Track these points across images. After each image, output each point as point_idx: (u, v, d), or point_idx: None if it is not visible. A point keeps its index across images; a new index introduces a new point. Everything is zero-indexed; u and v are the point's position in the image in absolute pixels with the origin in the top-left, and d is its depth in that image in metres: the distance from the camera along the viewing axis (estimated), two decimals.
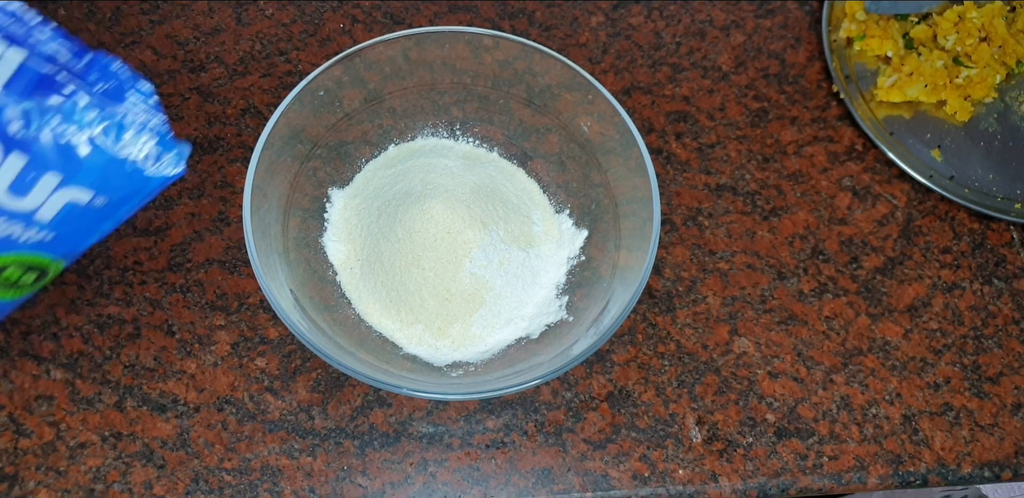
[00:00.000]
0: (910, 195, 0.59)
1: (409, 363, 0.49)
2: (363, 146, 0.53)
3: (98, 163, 0.34)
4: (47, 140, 0.32)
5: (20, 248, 0.35)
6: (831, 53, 0.61)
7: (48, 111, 0.32)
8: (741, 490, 0.51)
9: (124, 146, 0.34)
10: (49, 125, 0.32)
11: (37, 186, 0.33)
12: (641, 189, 0.47)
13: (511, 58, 0.49)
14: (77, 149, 0.33)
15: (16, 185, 0.32)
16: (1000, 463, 0.52)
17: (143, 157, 0.35)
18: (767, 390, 0.53)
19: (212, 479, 0.48)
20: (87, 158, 0.33)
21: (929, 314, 0.56)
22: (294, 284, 0.47)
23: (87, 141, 0.33)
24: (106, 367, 0.50)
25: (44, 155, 0.32)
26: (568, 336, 0.48)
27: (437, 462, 0.49)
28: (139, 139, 0.34)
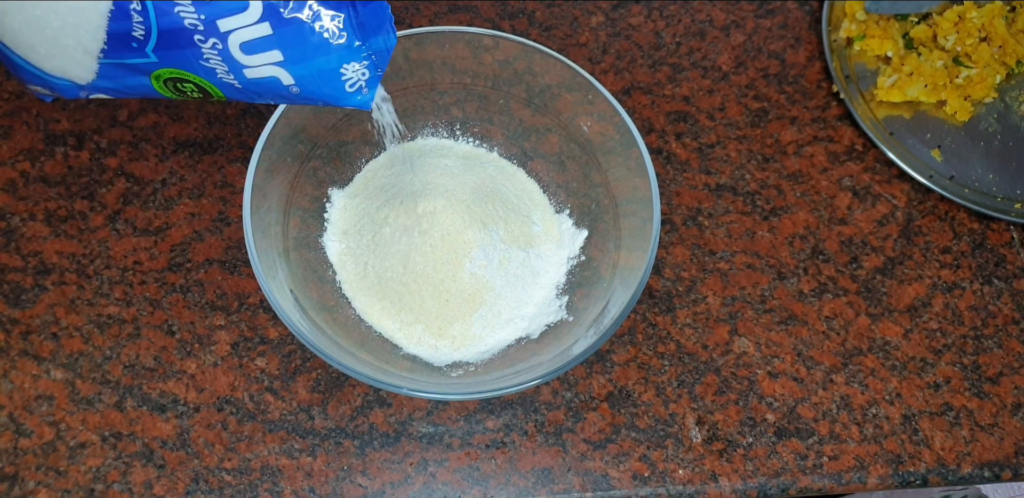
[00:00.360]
0: (910, 195, 0.59)
1: (409, 363, 0.49)
2: (363, 146, 0.53)
3: (319, 67, 0.38)
4: (300, 28, 0.37)
5: (213, 80, 0.40)
6: (831, 53, 0.61)
7: (319, 12, 0.37)
8: (741, 490, 0.51)
9: (347, 68, 0.39)
10: (313, 19, 0.37)
11: (262, 54, 0.38)
12: (641, 189, 0.47)
13: (511, 58, 0.49)
14: (315, 48, 0.38)
15: (248, 45, 0.37)
16: (1000, 463, 0.52)
17: (352, 82, 0.39)
18: (767, 390, 0.53)
19: (212, 479, 0.48)
20: (315, 59, 0.38)
21: (929, 314, 0.56)
22: (294, 284, 0.47)
23: (326, 45, 0.38)
24: (106, 367, 0.50)
25: (288, 36, 0.37)
26: (568, 336, 0.48)
27: (437, 462, 0.49)
28: (360, 69, 0.39)
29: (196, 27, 0.37)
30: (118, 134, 0.55)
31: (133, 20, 0.38)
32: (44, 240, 0.52)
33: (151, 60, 0.40)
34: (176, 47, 0.38)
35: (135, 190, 0.54)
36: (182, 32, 0.38)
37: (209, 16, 0.37)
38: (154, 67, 0.40)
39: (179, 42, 0.38)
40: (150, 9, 0.37)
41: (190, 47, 0.38)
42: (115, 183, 0.54)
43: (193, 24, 0.37)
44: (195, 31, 0.37)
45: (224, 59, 0.38)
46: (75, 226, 0.53)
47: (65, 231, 0.53)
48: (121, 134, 0.55)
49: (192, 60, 0.39)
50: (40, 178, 0.54)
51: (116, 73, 0.42)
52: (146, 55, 0.40)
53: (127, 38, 0.39)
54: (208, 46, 0.38)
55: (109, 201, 0.53)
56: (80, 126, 0.55)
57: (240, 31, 0.37)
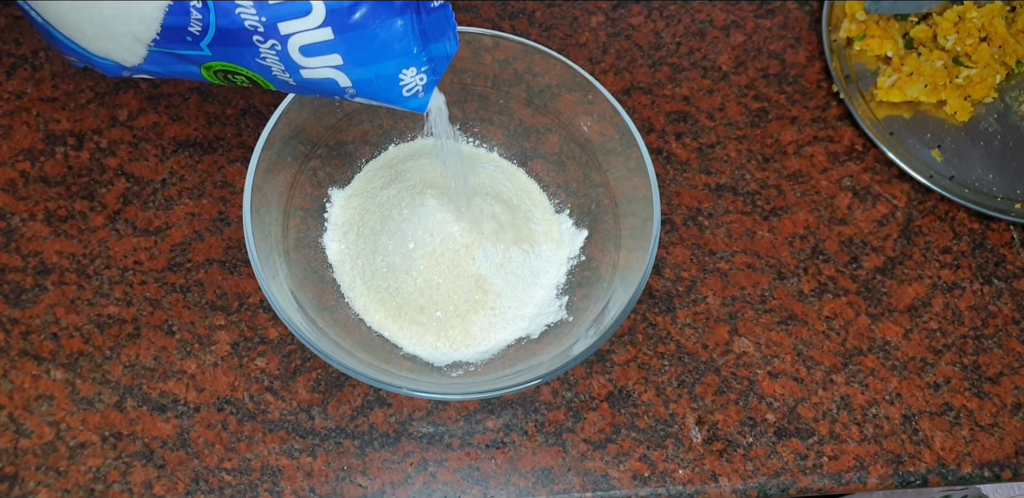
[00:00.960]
0: (910, 195, 0.59)
1: (409, 363, 0.49)
2: (363, 146, 0.53)
3: (378, 72, 0.38)
4: (363, 34, 0.36)
5: (267, 76, 0.39)
6: (831, 53, 0.61)
7: (389, 17, 0.36)
8: (741, 490, 0.51)
9: (406, 72, 0.38)
10: (376, 25, 0.36)
11: (321, 57, 0.37)
12: (641, 189, 0.47)
13: (511, 58, 0.49)
14: (375, 53, 0.37)
15: (308, 48, 0.37)
16: (1000, 463, 0.52)
17: (410, 87, 0.39)
18: (767, 390, 0.53)
19: (212, 479, 0.48)
20: (375, 64, 0.38)
21: (929, 314, 0.56)
22: (294, 284, 0.47)
23: (387, 51, 0.37)
24: (106, 367, 0.50)
25: (349, 41, 0.37)
26: (568, 336, 0.48)
27: (437, 462, 0.49)
28: (419, 75, 0.38)
29: (256, 28, 0.37)
30: (118, 134, 0.55)
31: (192, 17, 0.37)
32: (44, 240, 0.52)
33: (204, 54, 0.39)
34: (233, 45, 0.38)
35: (135, 190, 0.54)
36: (241, 32, 0.37)
37: (270, 18, 0.36)
38: (206, 59, 0.40)
39: (237, 41, 0.38)
40: (211, 8, 0.36)
41: (248, 46, 0.38)
42: (115, 183, 0.54)
43: (253, 26, 0.37)
44: (255, 32, 0.37)
45: (282, 59, 0.38)
46: (75, 226, 0.53)
47: (65, 231, 0.53)
48: (121, 134, 0.55)
49: (248, 58, 0.39)
50: (40, 178, 0.54)
51: (165, 60, 0.41)
52: (200, 49, 0.39)
53: (182, 32, 0.38)
54: (267, 47, 0.37)
55: (109, 201, 0.53)
56: (80, 126, 0.55)
57: (301, 34, 0.36)
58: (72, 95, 0.56)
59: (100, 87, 0.56)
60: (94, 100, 0.56)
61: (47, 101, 0.55)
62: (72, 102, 0.56)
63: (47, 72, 0.56)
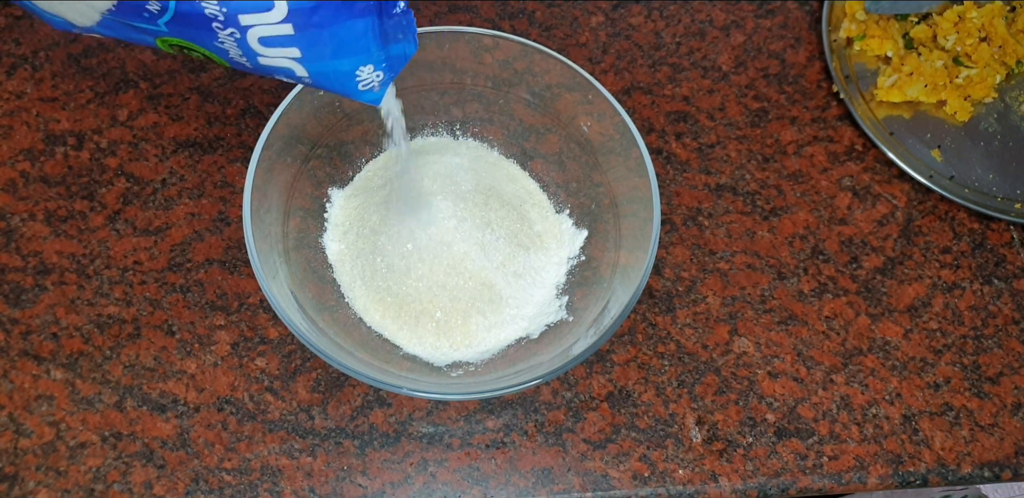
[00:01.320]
0: (910, 195, 0.59)
1: (409, 363, 0.49)
2: (363, 146, 0.53)
3: (335, 68, 0.38)
4: (322, 33, 0.37)
5: (224, 57, 0.39)
6: (831, 53, 0.61)
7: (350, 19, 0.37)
8: (741, 490, 0.50)
9: (363, 69, 0.39)
10: (340, 25, 0.37)
11: (280, 48, 0.37)
12: (641, 189, 0.47)
13: (511, 58, 0.49)
14: (334, 51, 0.37)
15: (267, 39, 0.37)
16: (1000, 463, 0.52)
17: (366, 82, 0.39)
18: (767, 390, 0.53)
19: (212, 479, 0.48)
20: (332, 61, 0.38)
21: (929, 314, 0.56)
22: (294, 284, 0.47)
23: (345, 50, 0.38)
24: (106, 367, 0.50)
25: (309, 38, 0.37)
26: (568, 336, 0.48)
27: (437, 462, 0.49)
28: (375, 72, 0.39)
29: (216, 17, 0.37)
30: (118, 134, 0.55)
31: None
32: (44, 240, 0.52)
33: (161, 30, 0.39)
34: (191, 27, 0.38)
35: (135, 190, 0.54)
36: (200, 17, 0.37)
37: (231, 10, 0.36)
38: (162, 34, 0.40)
39: (195, 24, 0.38)
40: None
41: (206, 30, 0.38)
42: (115, 183, 0.54)
43: (213, 14, 0.37)
44: (214, 20, 0.37)
45: (240, 46, 0.38)
46: (75, 226, 0.53)
47: (65, 231, 0.53)
48: (121, 134, 0.55)
49: (206, 40, 0.39)
50: (40, 178, 0.54)
51: (118, 27, 0.41)
52: (156, 25, 0.39)
53: (139, 8, 0.38)
54: (226, 34, 0.38)
55: (109, 201, 0.53)
56: (80, 126, 0.55)
57: (261, 27, 0.37)
58: (72, 95, 0.56)
59: (100, 87, 0.56)
60: (94, 100, 0.56)
61: (47, 101, 0.55)
62: (72, 102, 0.56)
63: (47, 72, 0.56)
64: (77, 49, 0.57)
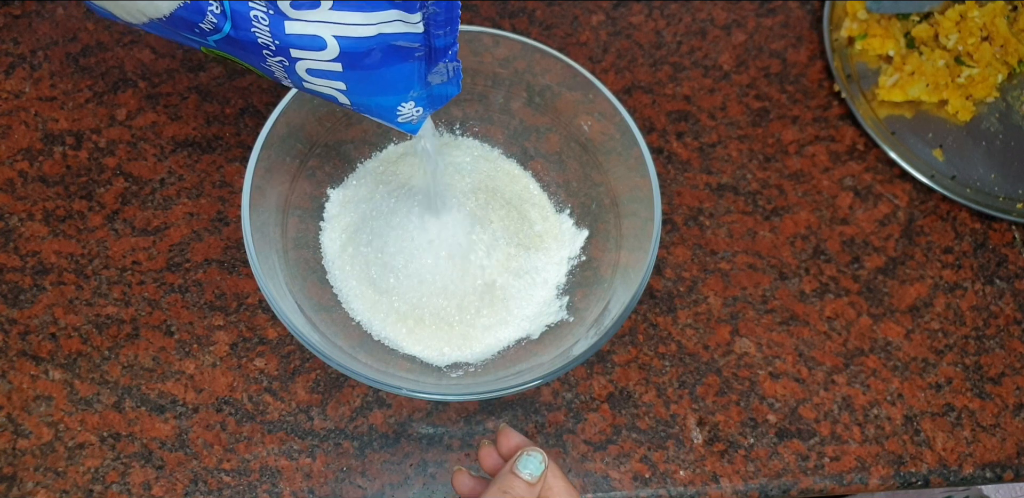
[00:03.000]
0: (912, 195, 0.59)
1: (408, 363, 0.49)
2: (362, 146, 0.53)
3: (378, 102, 0.39)
4: (371, 75, 0.37)
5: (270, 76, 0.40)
6: (832, 52, 0.61)
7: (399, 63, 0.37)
8: (742, 491, 0.50)
9: (404, 106, 0.39)
10: (388, 68, 0.37)
11: (326, 80, 0.38)
12: (642, 189, 0.47)
13: (511, 57, 0.49)
14: (379, 90, 0.38)
15: (315, 72, 0.37)
16: (1002, 464, 0.52)
17: (405, 116, 0.40)
18: (768, 391, 0.53)
19: (211, 480, 0.48)
20: (376, 97, 0.39)
21: (931, 314, 0.56)
22: (293, 284, 0.46)
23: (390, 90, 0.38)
24: (104, 367, 0.50)
25: (356, 77, 0.37)
26: (568, 336, 0.48)
27: (437, 463, 0.49)
28: (416, 108, 0.40)
29: (267, 46, 0.37)
30: (116, 133, 0.55)
31: (206, 19, 0.37)
32: (42, 240, 0.52)
33: (210, 45, 0.39)
34: (241, 49, 0.38)
35: (134, 190, 0.54)
36: (253, 44, 0.37)
37: (284, 43, 0.37)
38: (210, 47, 0.40)
39: (245, 48, 0.38)
40: (228, 16, 0.37)
41: (255, 54, 0.38)
42: (113, 183, 0.54)
43: (266, 43, 0.37)
44: (266, 48, 0.37)
45: (286, 71, 0.39)
46: (73, 226, 0.52)
47: (63, 231, 0.52)
48: (120, 133, 0.55)
49: (254, 61, 0.39)
50: (38, 178, 0.53)
51: (165, 31, 0.41)
52: (205, 41, 0.39)
53: (192, 25, 0.38)
54: (275, 60, 0.38)
55: (108, 201, 0.53)
56: (78, 125, 0.55)
57: (311, 61, 0.37)
58: (70, 94, 0.56)
59: (99, 86, 0.56)
60: (92, 99, 0.56)
61: (45, 100, 0.55)
62: (70, 101, 0.55)
63: (45, 71, 0.56)
64: (76, 48, 0.57)
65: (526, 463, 0.38)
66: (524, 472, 0.38)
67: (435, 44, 0.36)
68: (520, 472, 0.38)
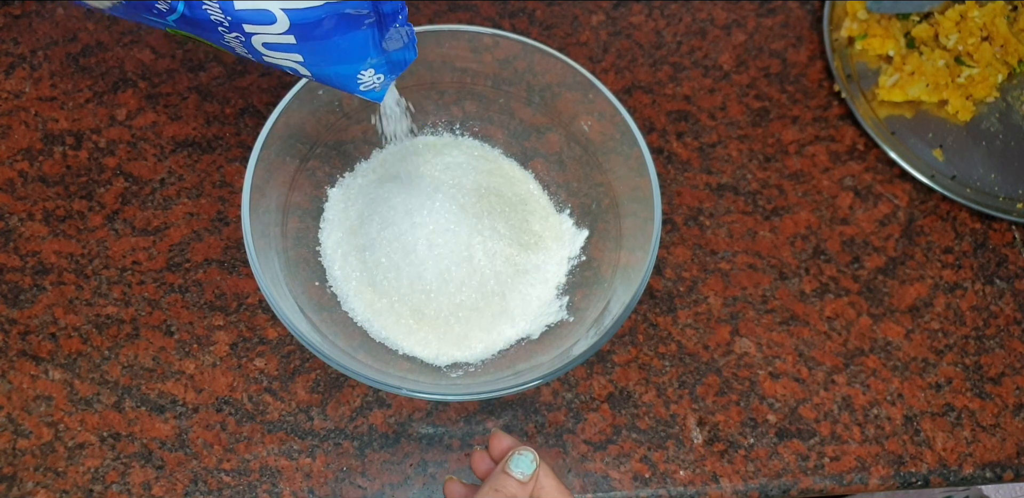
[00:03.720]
0: (912, 195, 0.59)
1: (408, 363, 0.49)
2: (362, 145, 0.53)
3: (336, 71, 0.39)
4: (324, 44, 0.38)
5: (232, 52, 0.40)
6: (832, 52, 0.61)
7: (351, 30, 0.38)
8: (742, 491, 0.50)
9: (364, 74, 0.40)
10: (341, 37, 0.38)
11: (284, 53, 0.38)
12: (642, 189, 0.47)
13: (511, 57, 0.49)
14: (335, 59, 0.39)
15: (271, 45, 0.38)
16: (1002, 464, 0.52)
17: (367, 84, 0.40)
18: (768, 391, 0.53)
19: (211, 480, 0.48)
20: (334, 66, 0.39)
21: (931, 314, 0.56)
22: (293, 284, 0.46)
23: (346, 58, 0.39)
24: (104, 367, 0.50)
25: (310, 48, 0.38)
26: (569, 336, 0.48)
27: (437, 463, 0.49)
28: (376, 75, 0.40)
29: (221, 23, 0.38)
30: (116, 133, 0.55)
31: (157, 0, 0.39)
32: (42, 240, 0.52)
33: (170, 25, 0.41)
34: (198, 27, 0.39)
35: (134, 190, 0.54)
36: (207, 21, 0.39)
37: (235, 19, 0.38)
38: (171, 27, 0.41)
39: (202, 26, 0.39)
40: None
41: (212, 31, 0.39)
42: (114, 183, 0.54)
43: (218, 20, 0.38)
44: (220, 24, 0.38)
45: (245, 47, 0.40)
46: (73, 226, 0.52)
47: (63, 231, 0.52)
48: (120, 133, 0.55)
49: (213, 38, 0.40)
50: (38, 178, 0.53)
51: (131, 14, 0.42)
52: (166, 21, 0.40)
53: (149, 6, 0.40)
54: (231, 36, 0.39)
55: (108, 201, 0.53)
56: (78, 125, 0.55)
57: (265, 35, 0.38)
58: (70, 94, 0.56)
59: (99, 86, 0.56)
60: (92, 99, 0.56)
61: (45, 100, 0.55)
62: (70, 101, 0.55)
63: (45, 71, 0.56)
64: (75, 48, 0.57)
65: (517, 462, 0.38)
66: (516, 471, 0.38)
67: (383, 10, 0.37)
68: (512, 471, 0.38)
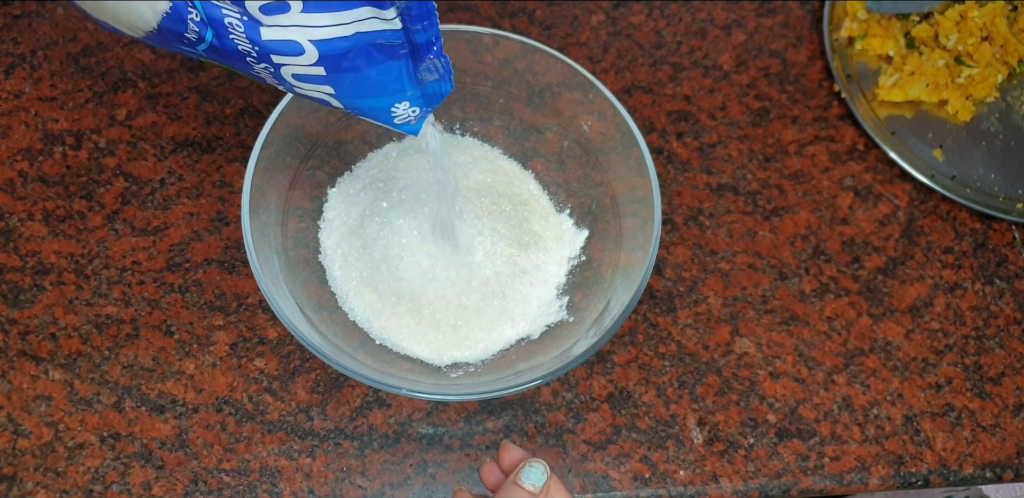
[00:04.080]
0: (912, 195, 0.59)
1: (408, 363, 0.49)
2: (362, 145, 0.53)
3: (370, 104, 0.39)
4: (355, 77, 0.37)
5: (265, 83, 0.40)
6: (832, 52, 0.61)
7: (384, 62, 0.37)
8: (742, 491, 0.50)
9: (398, 106, 0.39)
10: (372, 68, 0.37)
11: (314, 85, 0.38)
12: (642, 189, 0.47)
13: (511, 57, 0.49)
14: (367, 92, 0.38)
15: (301, 76, 0.37)
16: (1002, 464, 0.52)
17: (401, 117, 0.40)
18: (768, 391, 0.53)
19: (211, 480, 0.48)
20: (366, 99, 0.38)
21: (931, 314, 0.56)
22: (293, 284, 0.46)
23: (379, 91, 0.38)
24: (104, 367, 0.50)
25: (341, 80, 0.37)
26: (569, 336, 0.48)
27: (437, 463, 0.49)
28: (411, 108, 0.39)
29: (249, 53, 0.37)
30: (116, 133, 0.55)
31: (188, 28, 0.38)
32: (42, 240, 0.52)
33: (201, 54, 0.40)
34: (228, 58, 0.38)
35: (134, 190, 0.54)
36: (235, 52, 0.38)
37: (263, 49, 0.37)
38: (203, 57, 0.40)
39: (231, 56, 0.38)
40: (207, 23, 0.37)
41: (242, 62, 0.38)
42: (113, 183, 0.54)
43: (246, 50, 0.37)
44: (248, 55, 0.37)
45: (275, 77, 0.39)
46: (73, 226, 0.52)
47: (63, 231, 0.52)
48: (120, 133, 0.55)
49: (243, 69, 0.39)
50: (38, 178, 0.53)
51: (165, 44, 0.41)
52: (196, 51, 0.40)
53: (179, 35, 0.39)
54: (260, 67, 0.38)
55: (107, 201, 0.53)
56: (78, 125, 0.55)
57: (294, 67, 0.37)
58: (70, 94, 0.55)
59: (98, 86, 0.56)
60: (92, 99, 0.56)
61: (45, 100, 0.55)
62: (70, 101, 0.55)
63: (45, 71, 0.56)
64: (75, 48, 0.57)
65: (528, 474, 0.38)
66: (527, 483, 0.38)
67: (416, 40, 0.36)
68: (523, 483, 0.38)
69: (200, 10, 0.36)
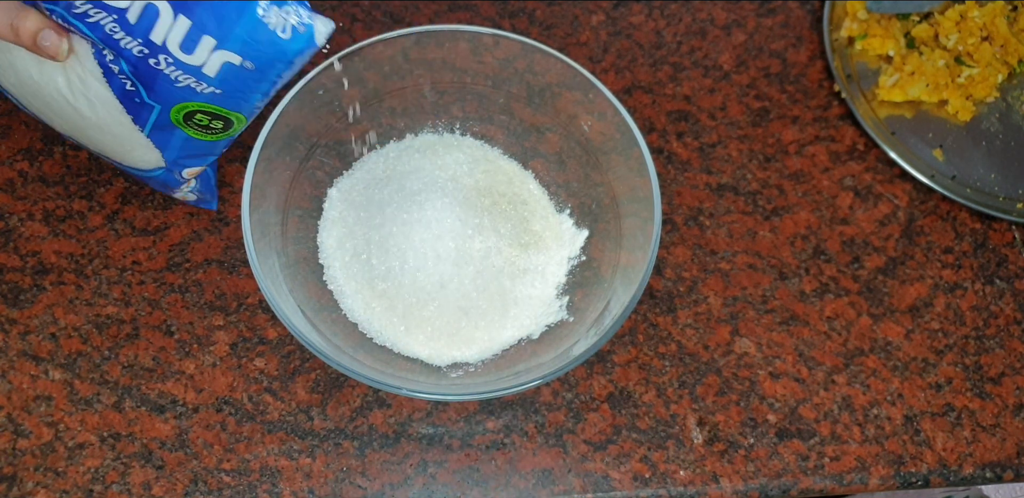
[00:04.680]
0: (912, 195, 0.59)
1: (408, 363, 0.49)
2: (361, 145, 0.53)
3: (243, 28, 0.40)
4: (207, 5, 0.39)
5: (199, 97, 0.42)
6: (832, 52, 0.61)
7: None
8: (742, 491, 0.50)
9: (265, 14, 0.40)
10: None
11: (199, 46, 0.40)
12: (642, 189, 0.47)
13: (511, 57, 0.49)
14: (227, 13, 0.39)
15: (184, 44, 0.40)
16: (1002, 464, 0.52)
17: (282, 27, 0.40)
18: (768, 391, 0.53)
19: (211, 480, 0.48)
20: (236, 24, 0.40)
21: (931, 314, 0.56)
22: (293, 284, 0.46)
23: (234, 6, 0.39)
24: (105, 367, 0.50)
25: (203, 18, 0.39)
26: (569, 336, 0.48)
27: (437, 463, 0.49)
28: (279, 12, 0.40)
29: (144, 52, 0.40)
30: None
31: (117, 74, 0.41)
32: (42, 240, 0.52)
33: (156, 108, 0.43)
34: (152, 80, 0.41)
35: (134, 190, 0.54)
36: (141, 63, 0.40)
37: (141, 36, 0.39)
38: (165, 114, 0.43)
39: (148, 73, 0.41)
40: (119, 52, 0.40)
41: (158, 75, 0.41)
42: (113, 183, 0.54)
43: (141, 51, 0.40)
44: (147, 57, 0.40)
45: (179, 68, 0.41)
46: (73, 226, 0.52)
47: (63, 231, 0.52)
48: None
49: (171, 88, 0.42)
50: (39, 178, 0.53)
51: (162, 138, 0.45)
52: (151, 106, 0.43)
53: (131, 95, 0.42)
54: (164, 66, 0.40)
55: (108, 201, 0.53)
56: None
57: (170, 34, 0.39)
58: None
59: None
60: None
61: None
62: None
63: None
64: None
65: None
66: None
67: None
68: None
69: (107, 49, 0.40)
